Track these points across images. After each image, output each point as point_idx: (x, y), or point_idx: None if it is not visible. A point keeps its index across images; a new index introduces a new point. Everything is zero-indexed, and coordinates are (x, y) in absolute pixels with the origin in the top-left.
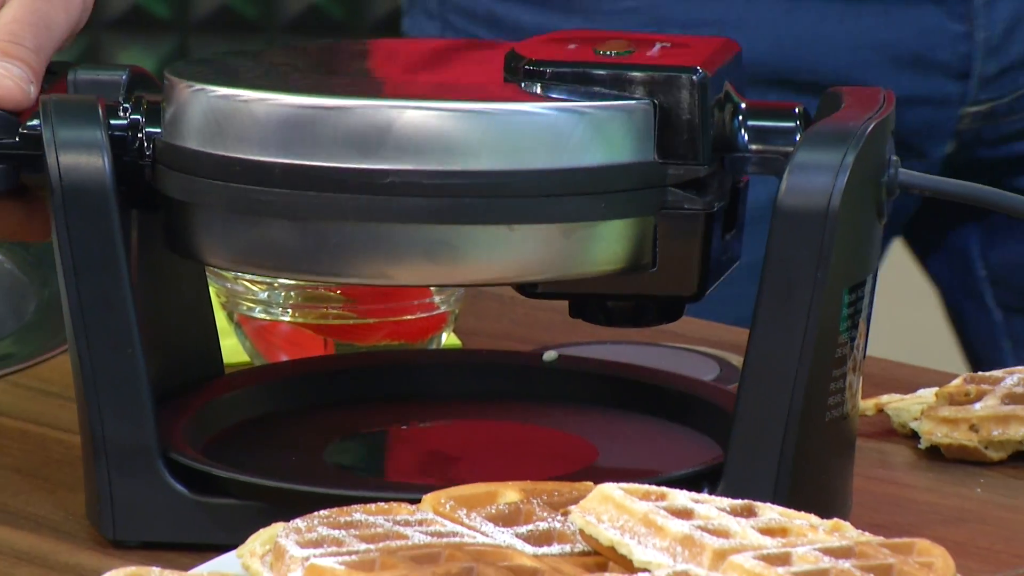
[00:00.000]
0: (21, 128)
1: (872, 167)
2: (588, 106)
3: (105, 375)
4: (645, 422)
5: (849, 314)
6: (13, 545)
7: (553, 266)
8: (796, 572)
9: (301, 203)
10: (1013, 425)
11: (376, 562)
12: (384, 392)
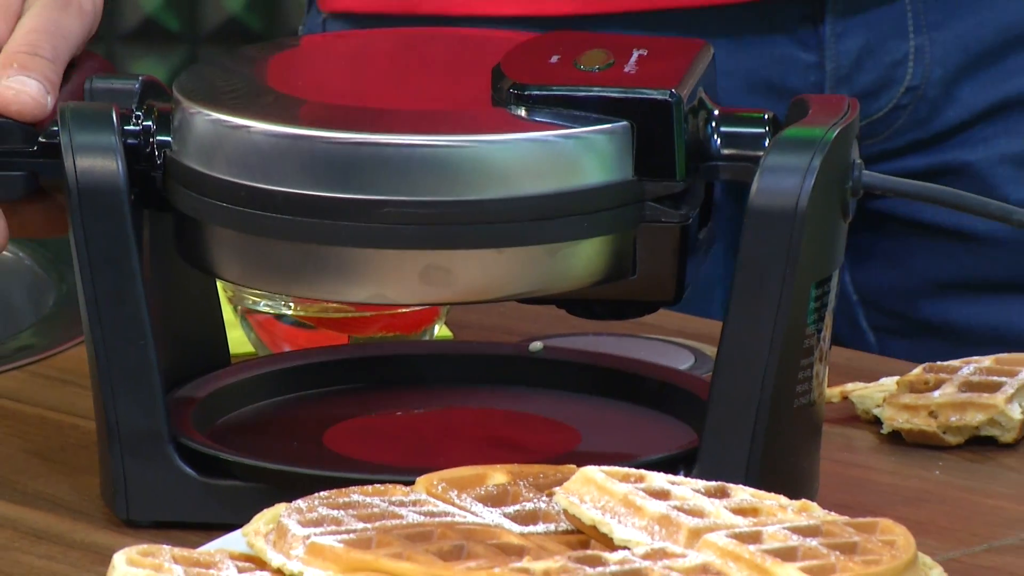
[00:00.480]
0: (40, 137)
1: (838, 170)
2: (570, 133)
3: (119, 365)
4: (625, 409)
5: (816, 307)
6: (32, 524)
7: (539, 282)
8: (766, 550)
9: (302, 228)
10: (970, 412)
11: (373, 540)
12: (380, 381)
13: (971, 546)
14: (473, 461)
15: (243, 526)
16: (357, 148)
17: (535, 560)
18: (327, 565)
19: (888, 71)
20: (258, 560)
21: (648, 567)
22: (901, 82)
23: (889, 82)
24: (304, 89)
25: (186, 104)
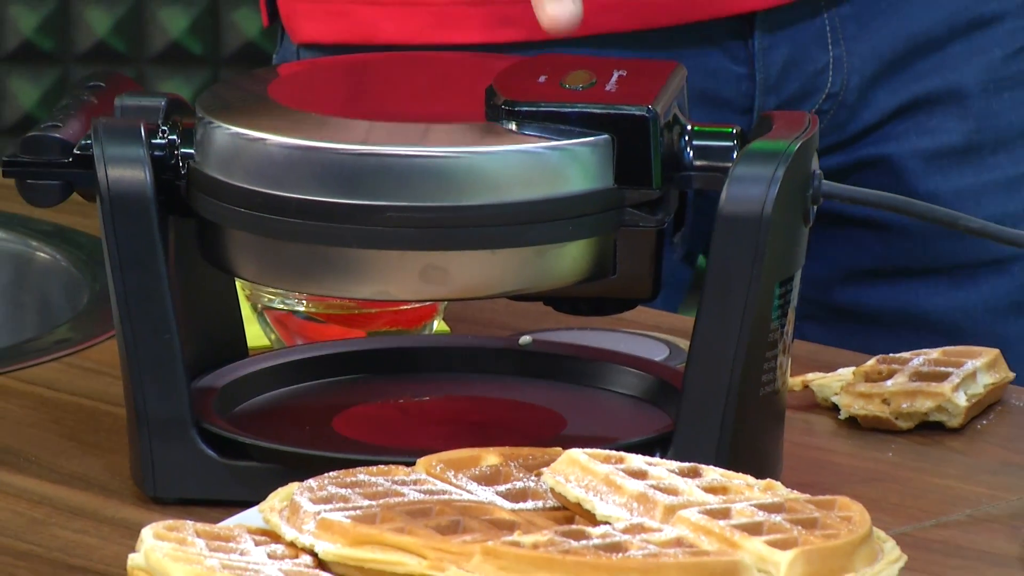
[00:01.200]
0: (74, 149)
1: (799, 179)
2: (557, 145)
3: (146, 356)
4: (606, 396)
5: (780, 304)
6: (67, 501)
7: (528, 281)
8: (735, 524)
9: (313, 232)
10: (919, 399)
11: (377, 516)
12: (384, 371)
13: (921, 521)
14: (468, 444)
15: (259, 503)
16: (362, 158)
17: (525, 534)
18: (336, 539)
19: (811, 80)
20: (273, 534)
21: (627, 540)
22: (823, 89)
23: (812, 90)
24: (313, 105)
25: (207, 119)
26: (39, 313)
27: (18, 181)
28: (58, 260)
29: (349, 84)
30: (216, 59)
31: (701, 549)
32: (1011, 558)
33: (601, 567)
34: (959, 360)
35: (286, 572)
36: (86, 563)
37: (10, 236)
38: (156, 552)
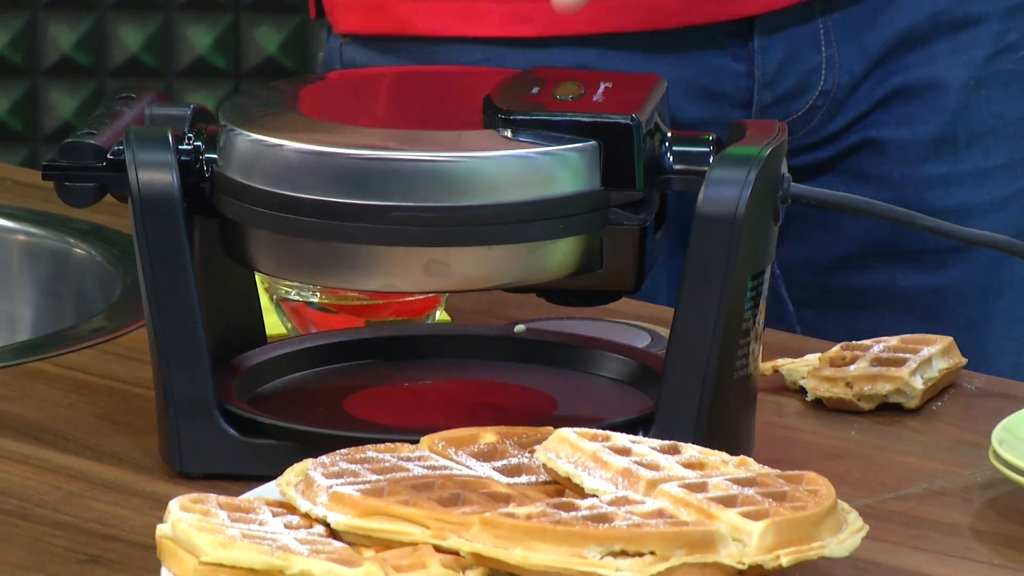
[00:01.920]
0: (108, 155)
1: (770, 182)
2: (548, 150)
3: (174, 344)
4: (593, 380)
5: (752, 296)
6: (101, 476)
7: (522, 274)
8: (711, 497)
9: (325, 229)
10: (880, 383)
11: (384, 489)
12: (390, 357)
13: (881, 494)
14: (467, 424)
15: (276, 478)
16: (371, 162)
17: (519, 506)
18: (346, 510)
19: (805, 77)
20: (289, 506)
21: (613, 512)
22: (816, 86)
23: (807, 86)
24: (326, 114)
25: (230, 127)
26: (76, 304)
27: (56, 184)
28: (93, 256)
29: (359, 95)
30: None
31: (680, 520)
32: (963, 528)
33: (589, 536)
34: (916, 347)
35: (301, 541)
36: (118, 533)
37: (49, 234)
38: (182, 523)
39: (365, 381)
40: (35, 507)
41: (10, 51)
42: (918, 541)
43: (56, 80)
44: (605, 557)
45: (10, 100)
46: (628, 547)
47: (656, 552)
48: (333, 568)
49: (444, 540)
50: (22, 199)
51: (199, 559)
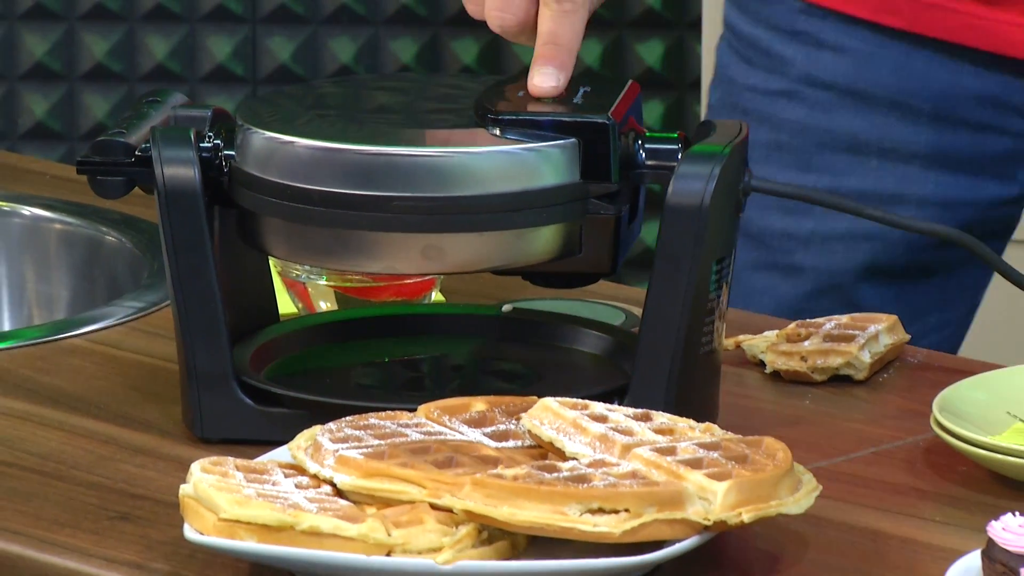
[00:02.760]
0: (136, 152)
1: (733, 177)
2: (532, 147)
3: (195, 322)
4: (573, 354)
5: (716, 279)
6: (130, 441)
7: (510, 258)
8: (680, 460)
9: (332, 218)
10: (832, 356)
11: (385, 453)
12: (391, 333)
13: (833, 457)
14: (460, 393)
15: (288, 443)
16: (374, 157)
17: (507, 468)
18: (351, 471)
19: None
20: (299, 468)
21: (591, 473)
22: None
23: None
24: (334, 115)
25: (246, 126)
26: (107, 287)
27: (90, 178)
28: (123, 243)
29: (363, 97)
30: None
31: (652, 480)
32: (907, 487)
33: (569, 495)
34: (864, 324)
35: (310, 499)
36: (145, 492)
37: (84, 223)
38: (203, 483)
39: (368, 355)
40: (70, 469)
41: (49, 59)
42: (867, 499)
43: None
44: (584, 514)
45: (49, 103)
46: (605, 505)
47: (630, 509)
48: (339, 524)
49: (439, 499)
50: (59, 191)
51: (218, 516)
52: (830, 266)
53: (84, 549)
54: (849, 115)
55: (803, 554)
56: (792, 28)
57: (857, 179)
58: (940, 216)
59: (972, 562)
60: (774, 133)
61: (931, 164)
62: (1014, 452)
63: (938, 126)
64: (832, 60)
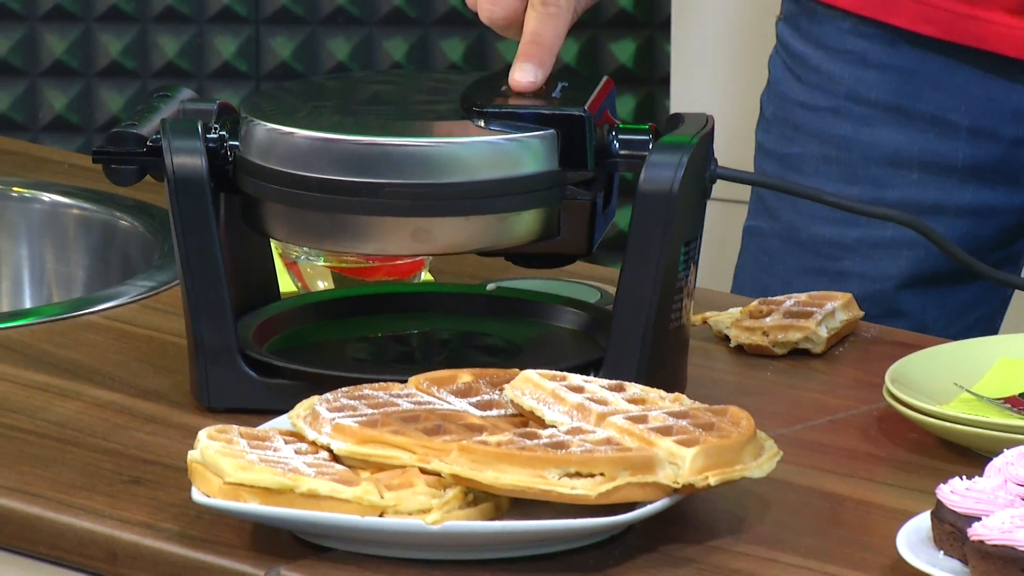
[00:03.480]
0: (147, 142)
1: (699, 165)
2: (514, 137)
3: (202, 300)
4: (552, 329)
5: (684, 260)
6: (142, 411)
7: (493, 240)
8: (651, 428)
9: (329, 203)
10: (791, 332)
11: (378, 421)
12: (383, 310)
13: (792, 425)
14: (448, 366)
15: (288, 412)
16: (367, 147)
17: (491, 435)
18: (346, 439)
19: None
20: (299, 435)
21: (569, 439)
22: None
23: None
24: (330, 108)
25: (250, 119)
26: (121, 267)
27: (105, 166)
28: (136, 227)
29: (357, 92)
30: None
31: (625, 446)
32: (862, 453)
33: (549, 460)
34: (821, 302)
35: (309, 464)
36: (156, 458)
37: (99, 208)
38: (209, 449)
39: (362, 330)
40: (87, 436)
41: (68, 57)
42: (824, 464)
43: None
44: (562, 478)
45: (68, 97)
46: (582, 469)
47: (605, 473)
48: (335, 487)
49: (428, 463)
50: (77, 179)
51: (224, 480)
52: (874, 273)
53: (99, 510)
54: (891, 130)
55: (765, 515)
56: (840, 47)
57: (899, 191)
58: (978, 225)
59: (922, 522)
60: (823, 147)
61: (968, 176)
62: (960, 420)
63: (975, 141)
64: (876, 78)
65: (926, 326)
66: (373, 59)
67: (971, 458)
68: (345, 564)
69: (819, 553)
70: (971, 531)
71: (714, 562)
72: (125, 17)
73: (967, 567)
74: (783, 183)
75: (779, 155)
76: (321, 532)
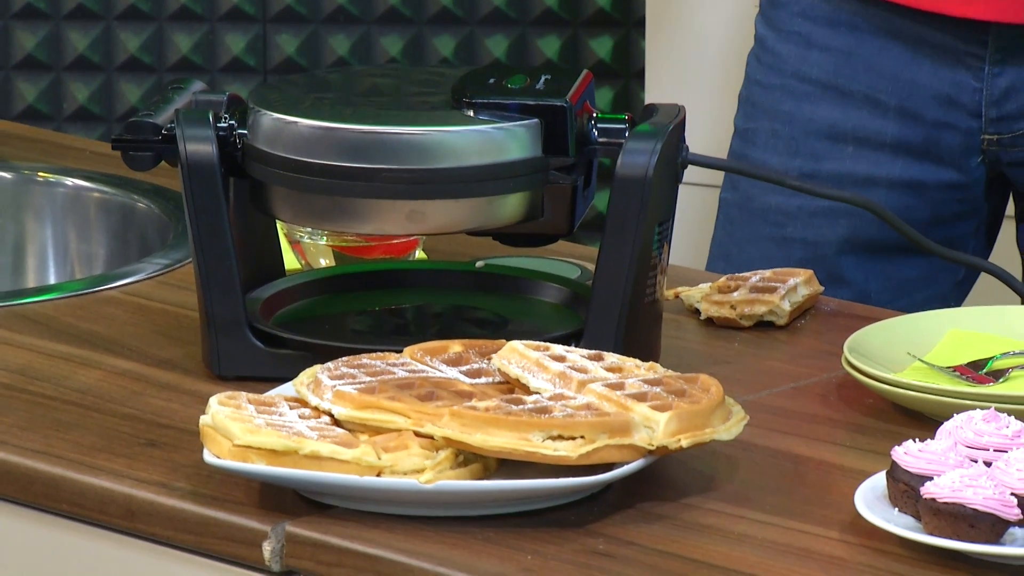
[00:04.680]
0: (162, 130)
1: (672, 151)
2: (501, 126)
3: (213, 276)
4: (536, 303)
5: (659, 239)
6: (157, 379)
7: (482, 221)
8: (628, 394)
9: (331, 187)
10: (757, 305)
11: (376, 388)
12: (380, 286)
13: (758, 392)
14: (439, 337)
15: (292, 379)
16: (366, 135)
17: (480, 401)
18: (346, 404)
19: None
20: (302, 401)
21: (552, 405)
22: None
23: None
24: (331, 99)
25: (257, 109)
26: (139, 246)
27: (123, 153)
28: (152, 209)
29: (356, 85)
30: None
31: (604, 411)
32: (822, 417)
33: (533, 424)
34: (784, 278)
35: (311, 428)
36: (170, 422)
37: (118, 192)
38: (219, 414)
39: (361, 304)
40: (106, 402)
41: (90, 52)
42: (787, 428)
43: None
44: (546, 440)
45: (90, 90)
46: (563, 432)
47: (585, 436)
48: (336, 449)
49: (422, 427)
50: (97, 165)
51: (233, 442)
52: (815, 238)
53: (117, 471)
54: (829, 107)
55: (733, 475)
56: (790, 29)
57: (835, 163)
58: (910, 198)
59: (878, 481)
60: (772, 123)
61: (898, 152)
62: (913, 387)
63: (902, 120)
64: (818, 58)
65: (869, 296)
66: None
67: (923, 422)
68: (345, 520)
69: (783, 510)
70: (923, 489)
71: (686, 518)
72: (142, 16)
73: (920, 523)
74: (748, 168)
75: (741, 130)
76: (323, 491)
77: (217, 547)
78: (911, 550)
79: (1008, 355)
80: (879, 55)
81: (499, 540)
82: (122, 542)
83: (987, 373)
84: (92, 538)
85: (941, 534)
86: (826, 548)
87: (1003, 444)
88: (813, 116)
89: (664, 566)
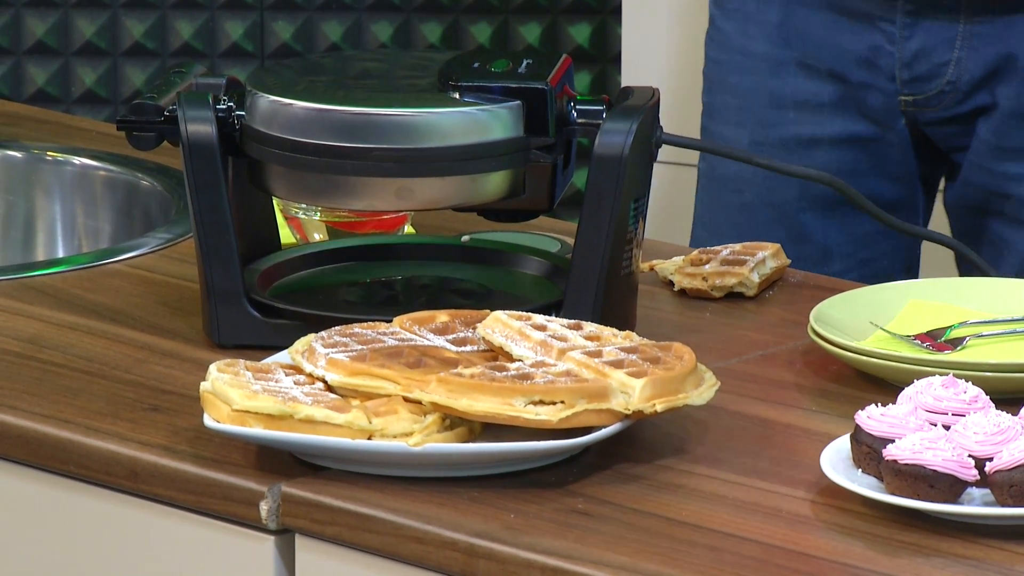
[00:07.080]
0: (165, 112)
1: (647, 131)
2: (485, 108)
3: (213, 250)
4: (519, 275)
5: (634, 214)
6: (160, 347)
7: (467, 197)
8: (605, 361)
9: (324, 165)
10: (727, 277)
11: (367, 356)
12: (371, 259)
13: (728, 359)
14: (427, 307)
15: (288, 348)
16: (357, 116)
17: (465, 368)
18: (339, 371)
19: (935, 68)
20: (297, 368)
21: (533, 372)
22: (943, 77)
23: (936, 75)
24: (325, 82)
25: (255, 92)
26: (143, 222)
27: (128, 133)
28: (155, 186)
29: (348, 68)
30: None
31: (583, 378)
32: (789, 383)
33: (516, 390)
34: (753, 251)
35: (306, 394)
36: (172, 388)
37: (123, 170)
38: (219, 381)
39: (352, 276)
40: (112, 369)
41: (97, 38)
42: (756, 393)
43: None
44: (528, 405)
45: (97, 74)
46: (545, 398)
47: (565, 401)
48: (329, 413)
49: (410, 393)
50: (104, 145)
51: (231, 407)
52: (773, 200)
53: (122, 435)
54: (769, 76)
55: (705, 437)
56: (731, 7)
57: (780, 129)
58: (854, 152)
59: (843, 444)
60: (723, 95)
61: (834, 112)
62: (876, 355)
63: (833, 83)
64: (756, 31)
65: (830, 251)
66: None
67: (885, 388)
68: (338, 481)
69: (752, 471)
70: (886, 452)
71: (660, 479)
72: (147, 4)
73: (882, 483)
74: (718, 147)
75: (706, 104)
76: (317, 453)
77: (216, 506)
78: (874, 509)
79: (965, 324)
80: (808, 22)
81: (483, 500)
82: (126, 502)
83: (946, 341)
84: (98, 498)
85: (902, 494)
86: (793, 507)
87: (961, 408)
88: (755, 86)
89: (640, 524)
